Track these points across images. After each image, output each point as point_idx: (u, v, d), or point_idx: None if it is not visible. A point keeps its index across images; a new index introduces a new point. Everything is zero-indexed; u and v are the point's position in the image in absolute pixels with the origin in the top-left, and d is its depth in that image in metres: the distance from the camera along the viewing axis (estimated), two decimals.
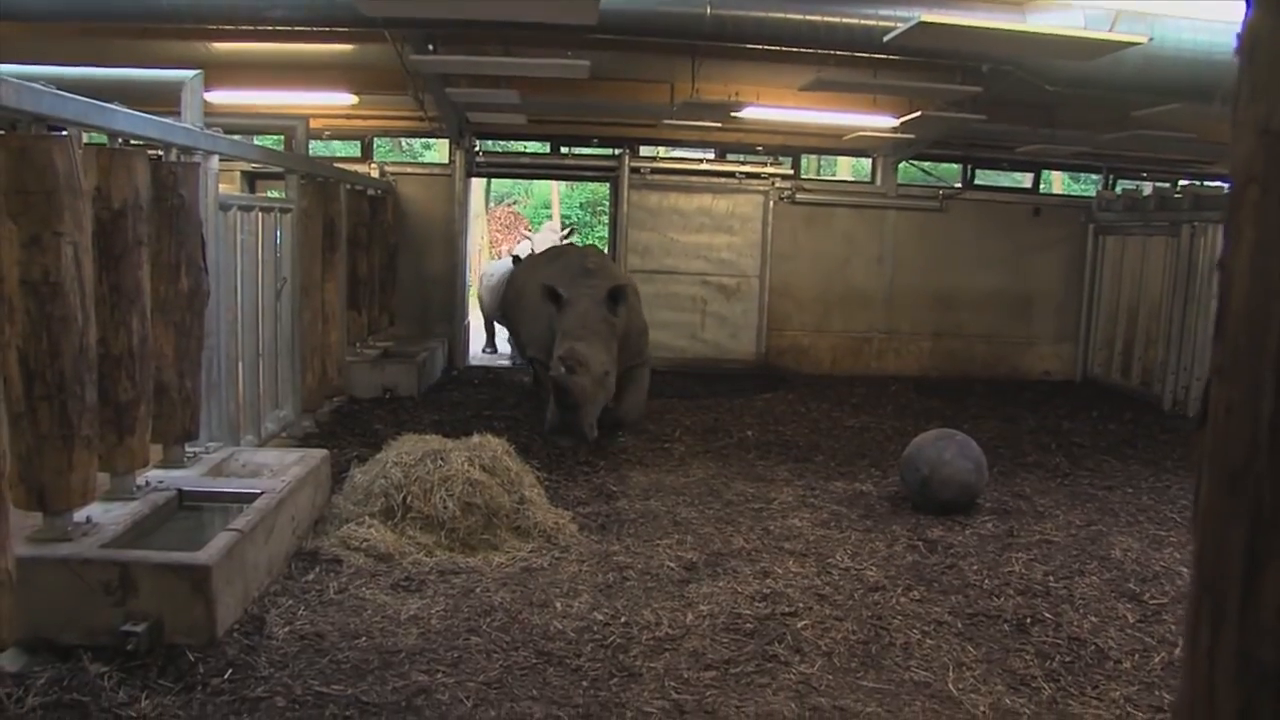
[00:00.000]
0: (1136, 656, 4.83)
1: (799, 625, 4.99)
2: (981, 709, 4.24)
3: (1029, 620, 5.22)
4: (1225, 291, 0.93)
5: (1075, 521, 7.05)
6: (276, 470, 6.02)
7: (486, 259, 24.24)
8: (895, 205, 13.65)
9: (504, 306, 11.51)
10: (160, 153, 5.63)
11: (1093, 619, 5.28)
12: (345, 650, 4.48)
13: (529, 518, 6.17)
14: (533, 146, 14.19)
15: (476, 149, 13.28)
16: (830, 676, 4.48)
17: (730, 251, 13.31)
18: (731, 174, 13.36)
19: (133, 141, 5.31)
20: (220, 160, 6.50)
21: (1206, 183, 13.37)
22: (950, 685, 4.46)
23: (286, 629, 4.66)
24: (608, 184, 14.22)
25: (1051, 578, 5.88)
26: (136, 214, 4.97)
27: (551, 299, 8.62)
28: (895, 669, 4.60)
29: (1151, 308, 12.27)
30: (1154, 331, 12.18)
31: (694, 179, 13.38)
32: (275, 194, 9.10)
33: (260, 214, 7.41)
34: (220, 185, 6.60)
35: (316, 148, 11.90)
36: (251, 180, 12.17)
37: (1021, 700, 4.35)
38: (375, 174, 12.39)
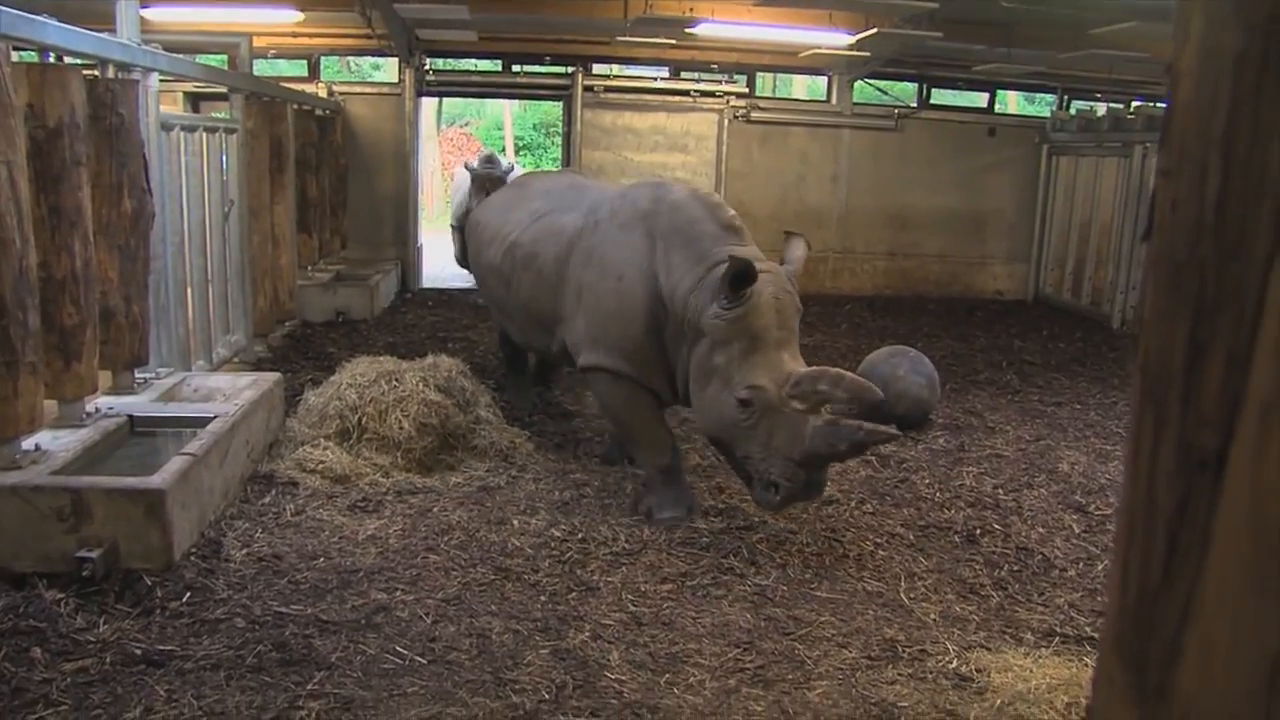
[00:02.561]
0: (1081, 565, 4.99)
1: (754, 539, 5.08)
2: (932, 616, 4.36)
3: (979, 531, 5.35)
4: (1173, 91, 0.91)
5: (1025, 436, 7.19)
6: (229, 395, 5.96)
7: (440, 182, 23.80)
8: (850, 124, 13.60)
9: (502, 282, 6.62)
10: (96, 71, 5.44)
11: (1040, 530, 5.42)
12: (304, 571, 4.50)
13: (485, 437, 6.18)
14: (484, 65, 13.90)
15: (426, 67, 12.98)
16: (785, 588, 4.58)
17: (685, 170, 13.21)
18: (686, 92, 13.22)
19: (66, 58, 5.12)
20: (161, 80, 6.30)
21: (1159, 104, 13.42)
22: (902, 594, 4.58)
23: (244, 551, 4.66)
24: (560, 103, 13.99)
25: (1001, 490, 6.02)
26: (73, 133, 4.81)
27: (738, 281, 4.76)
28: (848, 579, 4.71)
29: (1103, 228, 12.41)
30: (1105, 252, 12.33)
31: (648, 97, 13.22)
32: (220, 115, 8.86)
33: (205, 134, 7.21)
34: (162, 106, 6.41)
35: (261, 67, 11.58)
36: (195, 102, 11.85)
37: (970, 608, 4.48)
38: (323, 94, 12.10)
